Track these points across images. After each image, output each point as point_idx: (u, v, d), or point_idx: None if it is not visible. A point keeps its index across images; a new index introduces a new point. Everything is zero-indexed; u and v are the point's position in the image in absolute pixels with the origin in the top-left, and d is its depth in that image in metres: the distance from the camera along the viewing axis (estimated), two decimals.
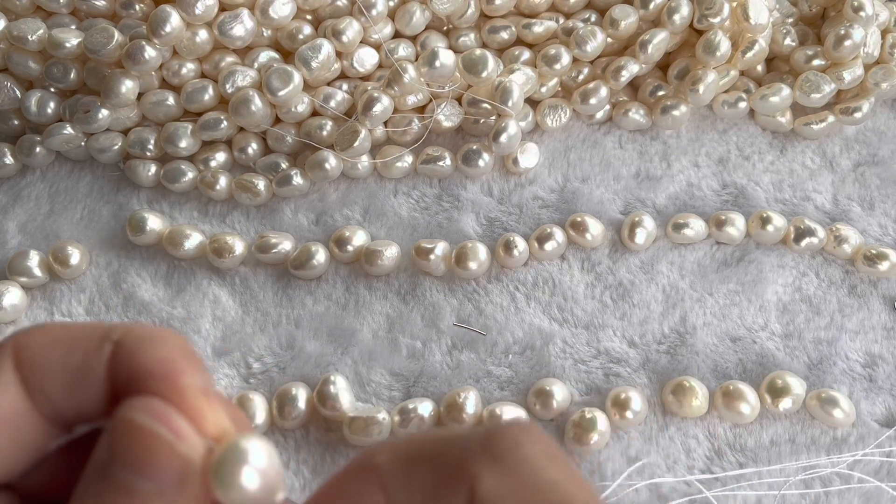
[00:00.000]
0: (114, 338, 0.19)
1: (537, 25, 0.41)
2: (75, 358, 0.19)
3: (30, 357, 0.19)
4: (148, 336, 0.20)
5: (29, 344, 0.19)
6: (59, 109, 0.39)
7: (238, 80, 0.38)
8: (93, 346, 0.19)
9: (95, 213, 0.39)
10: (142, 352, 0.19)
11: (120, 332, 0.20)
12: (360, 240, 0.37)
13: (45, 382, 0.19)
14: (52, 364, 0.19)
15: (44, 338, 0.19)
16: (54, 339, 0.19)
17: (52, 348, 0.19)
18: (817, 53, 0.40)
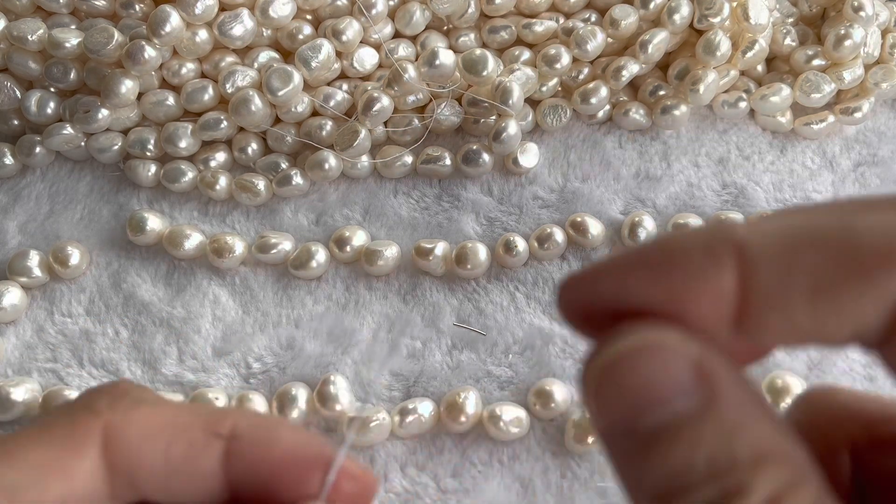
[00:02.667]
0: (224, 432, 0.18)
1: (537, 25, 0.41)
2: (177, 450, 0.18)
3: (125, 446, 0.18)
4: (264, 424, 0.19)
5: (123, 431, 0.18)
6: (59, 109, 0.39)
7: (238, 80, 0.38)
8: (199, 439, 0.18)
9: (95, 213, 0.39)
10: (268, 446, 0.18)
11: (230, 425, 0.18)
12: (360, 240, 0.37)
13: (136, 473, 0.18)
14: (149, 456, 0.18)
15: (139, 425, 0.18)
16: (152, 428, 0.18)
17: (150, 439, 0.18)
18: (817, 53, 0.40)
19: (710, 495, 0.13)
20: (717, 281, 0.14)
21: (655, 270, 0.14)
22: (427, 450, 0.33)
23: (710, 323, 0.14)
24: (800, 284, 0.14)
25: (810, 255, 0.14)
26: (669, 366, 0.14)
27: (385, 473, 0.32)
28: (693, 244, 0.14)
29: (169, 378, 0.34)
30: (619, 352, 0.14)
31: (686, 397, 0.14)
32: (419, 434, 0.33)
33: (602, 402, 0.14)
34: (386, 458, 0.32)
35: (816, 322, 0.14)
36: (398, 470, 0.32)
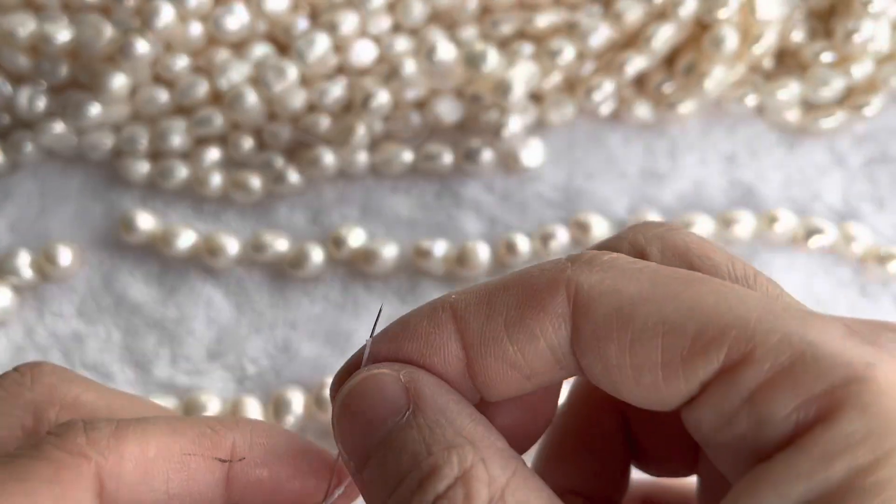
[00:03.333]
0: (225, 457, 0.18)
1: (540, 19, 0.40)
2: (177, 481, 0.18)
3: (122, 489, 0.17)
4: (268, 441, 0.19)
5: (117, 471, 0.17)
6: (50, 105, 0.39)
7: (232, 75, 0.38)
8: (200, 466, 0.18)
9: (87, 211, 0.38)
10: (269, 463, 0.19)
11: (229, 447, 0.18)
12: (357, 239, 0.37)
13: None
14: (149, 492, 0.17)
15: (133, 461, 0.17)
16: (147, 462, 0.17)
17: (148, 475, 0.17)
18: (826, 48, 0.40)
19: (412, 484, 0.16)
20: (440, 342, 0.18)
21: (396, 345, 0.18)
22: None
23: (451, 380, 0.18)
24: (498, 324, 0.17)
25: (501, 302, 0.17)
26: (382, 389, 0.17)
27: None
28: (418, 317, 0.18)
29: (161, 381, 0.34)
30: (347, 387, 0.18)
31: (396, 413, 0.17)
32: None
33: (340, 433, 0.18)
34: None
35: (520, 353, 0.17)
36: None
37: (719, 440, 0.16)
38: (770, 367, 0.15)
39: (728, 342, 0.16)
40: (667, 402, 0.17)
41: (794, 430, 0.15)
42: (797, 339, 0.15)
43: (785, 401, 0.15)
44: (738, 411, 0.16)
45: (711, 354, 0.16)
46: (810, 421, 0.15)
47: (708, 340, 0.16)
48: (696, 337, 0.16)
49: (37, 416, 0.19)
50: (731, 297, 0.16)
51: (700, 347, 0.16)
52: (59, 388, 0.19)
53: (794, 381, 0.15)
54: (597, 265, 0.17)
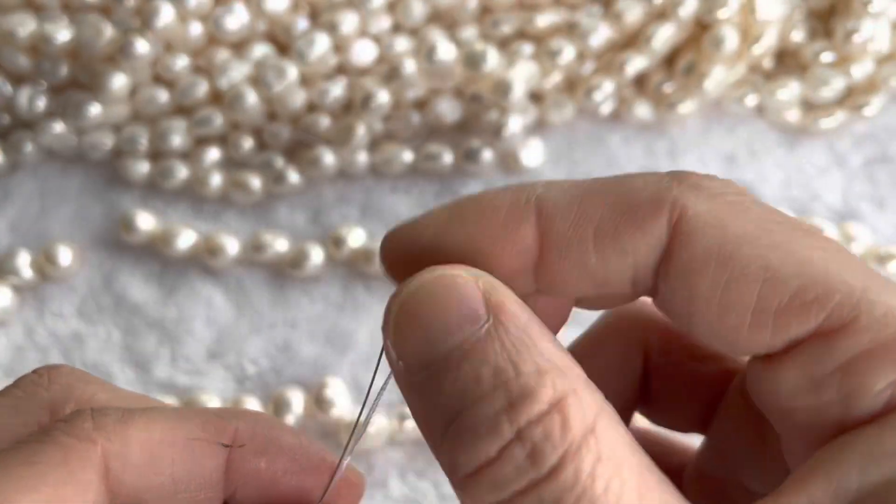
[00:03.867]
0: (228, 441, 0.18)
1: (540, 19, 0.40)
2: (182, 466, 0.18)
3: (128, 473, 0.17)
4: (270, 427, 0.19)
5: (123, 454, 0.17)
6: (50, 105, 0.39)
7: (232, 74, 0.38)
8: (203, 450, 0.18)
9: (87, 211, 0.38)
10: (269, 453, 0.18)
11: (232, 432, 0.18)
12: (357, 239, 0.36)
13: (142, 495, 0.17)
14: (154, 477, 0.17)
15: (139, 445, 0.17)
16: (153, 446, 0.17)
17: (153, 459, 0.17)
18: (826, 48, 0.40)
19: (499, 404, 0.15)
20: (518, 234, 0.16)
21: (466, 225, 0.17)
22: (427, 455, 0.32)
23: (514, 272, 0.16)
24: (587, 232, 0.16)
25: (595, 208, 0.16)
26: (459, 294, 0.16)
27: (384, 480, 0.32)
28: (500, 202, 0.17)
29: (161, 381, 0.34)
30: (414, 286, 0.16)
31: (474, 322, 0.15)
32: (419, 439, 0.32)
33: (399, 336, 0.16)
34: (385, 464, 0.32)
35: (602, 265, 0.16)
36: (397, 476, 0.32)
37: (800, 404, 0.16)
38: (871, 338, 0.15)
39: (832, 305, 0.15)
40: (742, 348, 0.16)
41: (886, 406, 0.15)
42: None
43: (882, 375, 0.15)
44: (828, 378, 0.15)
45: (811, 314, 0.15)
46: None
47: (810, 299, 0.15)
48: (797, 292, 0.15)
49: (53, 414, 0.19)
50: (839, 259, 0.16)
51: (800, 304, 0.15)
52: (75, 389, 0.19)
53: (895, 356, 0.15)
54: (704, 191, 0.16)
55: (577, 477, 0.14)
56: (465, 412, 0.15)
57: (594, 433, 0.14)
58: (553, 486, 0.14)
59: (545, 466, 0.14)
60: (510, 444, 0.14)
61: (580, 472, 0.14)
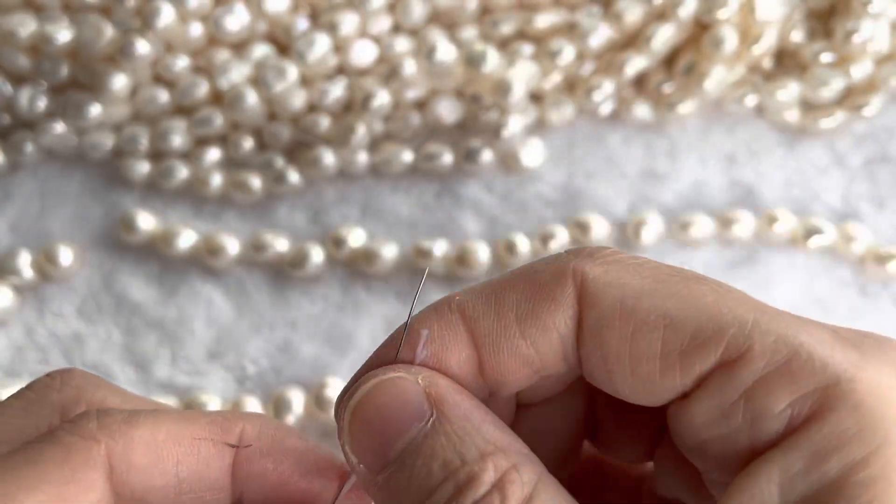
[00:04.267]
0: (235, 441, 0.18)
1: (540, 19, 0.40)
2: (188, 466, 0.18)
3: (132, 470, 0.17)
4: (275, 433, 0.19)
5: (127, 454, 0.17)
6: (50, 105, 0.39)
7: (232, 75, 0.38)
8: (209, 451, 0.18)
9: (87, 211, 0.38)
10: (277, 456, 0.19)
11: (239, 433, 0.19)
12: (357, 239, 0.36)
13: (147, 494, 0.18)
14: (159, 476, 0.18)
15: (143, 444, 0.17)
16: (157, 446, 0.18)
17: (158, 458, 0.18)
18: (826, 48, 0.40)
19: (448, 493, 0.16)
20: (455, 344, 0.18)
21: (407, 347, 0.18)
22: None
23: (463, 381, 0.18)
24: (509, 319, 0.18)
25: (510, 297, 0.18)
26: (403, 395, 0.17)
27: None
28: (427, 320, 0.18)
29: (162, 381, 0.34)
30: (360, 393, 0.18)
31: (420, 419, 0.17)
32: None
33: (356, 443, 0.17)
34: None
35: (532, 346, 0.17)
36: None
37: (713, 434, 0.17)
38: (766, 364, 0.16)
39: (726, 339, 0.16)
40: (659, 396, 0.17)
41: (788, 425, 0.16)
42: (791, 339, 0.16)
43: (780, 396, 0.16)
44: (734, 406, 0.16)
45: (710, 350, 0.16)
46: (804, 417, 0.16)
47: (707, 337, 0.16)
48: (695, 333, 0.16)
49: (63, 416, 0.19)
50: (729, 298, 0.17)
51: (699, 343, 0.16)
52: (86, 392, 0.20)
53: (789, 379, 0.16)
54: (599, 258, 0.18)
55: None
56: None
57: (531, 502, 0.16)
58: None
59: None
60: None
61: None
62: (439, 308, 0.18)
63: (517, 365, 0.18)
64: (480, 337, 0.18)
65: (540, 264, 0.18)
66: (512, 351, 0.18)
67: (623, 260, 0.18)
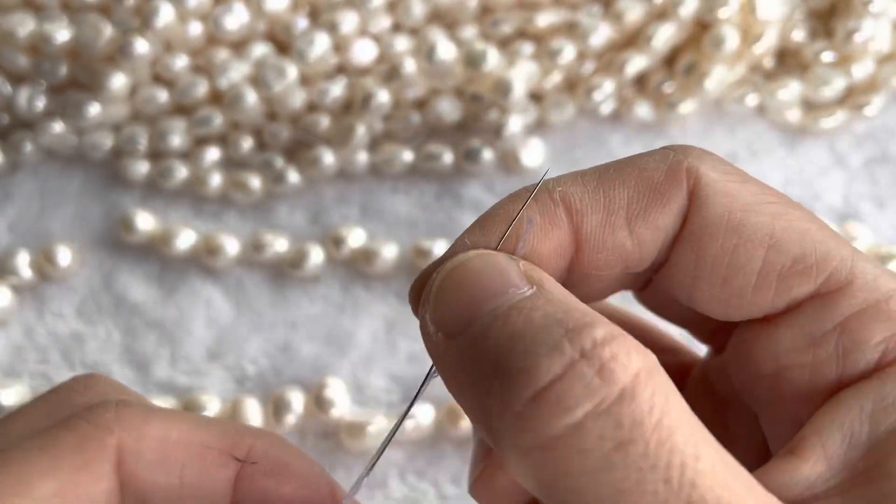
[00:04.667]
0: (242, 456, 0.18)
1: (540, 19, 0.40)
2: (192, 471, 0.18)
3: (139, 466, 0.17)
4: (283, 455, 0.19)
5: (137, 449, 0.17)
6: (49, 105, 0.39)
7: (232, 74, 0.38)
8: (215, 461, 0.18)
9: (86, 211, 0.38)
10: (280, 476, 0.18)
11: (247, 448, 0.18)
12: (357, 239, 0.36)
13: (150, 493, 0.18)
14: (163, 476, 0.18)
15: (154, 443, 0.18)
16: (167, 446, 0.18)
17: (166, 458, 0.18)
18: (827, 48, 0.40)
19: (557, 333, 0.14)
20: (558, 239, 0.17)
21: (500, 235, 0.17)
22: (427, 456, 0.32)
23: (556, 267, 0.17)
24: (620, 220, 0.17)
25: (620, 195, 0.17)
26: (501, 268, 0.16)
27: (384, 480, 0.32)
28: (530, 210, 0.17)
29: (161, 381, 0.34)
30: (455, 262, 0.16)
31: (518, 288, 0.15)
32: (419, 440, 0.32)
33: (441, 304, 0.16)
34: (385, 464, 0.32)
35: (638, 246, 0.17)
36: (397, 476, 0.32)
37: (795, 361, 0.17)
38: (865, 299, 0.16)
39: (829, 270, 0.16)
40: (743, 311, 0.17)
41: (881, 359, 0.16)
42: (889, 282, 0.16)
43: (876, 331, 0.16)
44: (827, 336, 0.16)
45: (811, 277, 0.16)
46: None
47: (809, 264, 0.16)
48: (798, 258, 0.17)
49: None
50: (831, 233, 0.17)
51: (801, 268, 0.16)
52: (108, 397, 0.20)
53: (886, 315, 0.16)
54: (709, 162, 0.18)
55: (654, 401, 0.13)
56: (519, 348, 0.14)
57: (658, 369, 0.14)
58: (632, 408, 0.13)
59: (617, 385, 0.13)
60: (576, 362, 0.14)
61: (656, 395, 0.13)
62: (542, 199, 0.17)
63: (616, 260, 0.17)
64: (586, 233, 0.17)
65: (649, 159, 0.18)
66: (616, 248, 0.17)
67: (733, 171, 0.18)
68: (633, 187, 0.17)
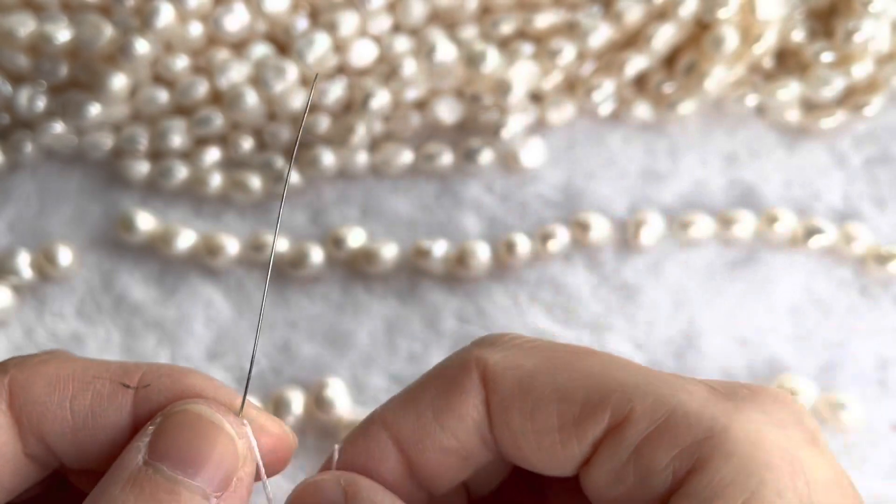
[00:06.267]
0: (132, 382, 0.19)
1: (540, 19, 0.40)
2: (82, 401, 0.18)
3: (29, 399, 0.18)
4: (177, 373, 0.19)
5: (27, 384, 0.18)
6: (49, 105, 0.39)
7: (232, 75, 0.38)
8: (105, 390, 0.18)
9: (86, 211, 0.38)
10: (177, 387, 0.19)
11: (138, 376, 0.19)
12: (357, 239, 0.36)
13: (42, 426, 0.18)
14: (54, 408, 0.18)
15: (44, 378, 0.18)
16: (56, 380, 0.18)
17: (54, 390, 0.18)
18: (827, 48, 0.40)
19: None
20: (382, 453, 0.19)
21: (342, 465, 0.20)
22: None
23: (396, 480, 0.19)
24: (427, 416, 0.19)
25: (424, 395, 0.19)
26: (323, 491, 0.19)
27: None
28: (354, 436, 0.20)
29: None
30: (293, 493, 0.19)
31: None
32: None
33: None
34: None
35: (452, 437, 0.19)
36: None
37: (614, 496, 0.18)
38: (647, 424, 0.17)
39: (611, 404, 0.17)
40: (566, 466, 0.18)
41: (674, 480, 0.17)
42: (668, 399, 0.17)
43: (663, 453, 0.17)
44: (625, 467, 0.17)
45: (598, 416, 0.17)
46: (686, 471, 0.16)
47: (595, 404, 0.17)
48: (584, 402, 0.17)
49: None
50: (614, 366, 0.18)
51: (589, 410, 0.17)
52: None
53: (669, 435, 0.17)
54: (499, 345, 0.19)
55: None
56: None
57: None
58: None
59: None
60: None
61: None
62: (364, 424, 0.20)
63: (444, 457, 0.19)
64: (405, 441, 0.19)
65: (448, 360, 0.20)
66: (435, 446, 0.19)
67: (521, 344, 0.19)
68: (435, 388, 0.19)
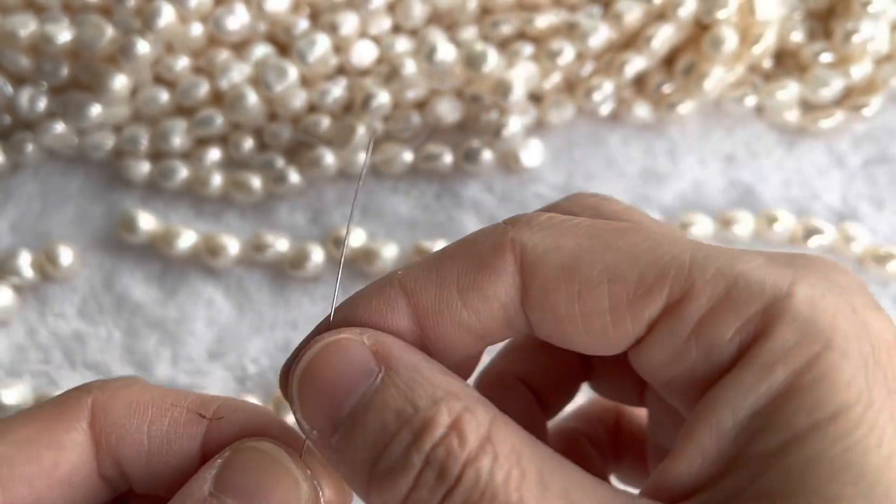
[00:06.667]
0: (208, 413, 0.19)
1: (540, 19, 0.40)
2: (159, 427, 0.19)
3: (109, 421, 0.18)
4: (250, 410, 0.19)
5: (109, 406, 0.19)
6: (51, 106, 0.39)
7: (233, 75, 0.38)
8: (182, 418, 0.19)
9: (88, 212, 0.38)
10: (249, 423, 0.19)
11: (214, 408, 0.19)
12: (357, 239, 0.36)
13: (120, 449, 0.19)
14: (132, 431, 0.19)
15: (125, 401, 0.19)
16: (137, 405, 0.19)
17: (134, 414, 0.19)
18: (826, 49, 0.40)
19: (406, 440, 0.16)
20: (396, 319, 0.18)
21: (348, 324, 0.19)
22: None
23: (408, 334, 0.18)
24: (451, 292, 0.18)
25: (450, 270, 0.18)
26: (349, 356, 0.17)
27: None
28: (368, 296, 0.19)
29: (162, 381, 0.34)
30: (305, 360, 0.18)
31: (368, 376, 0.17)
32: None
33: (306, 409, 0.17)
34: None
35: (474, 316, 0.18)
36: None
37: (670, 375, 0.17)
38: (709, 298, 0.17)
39: (669, 282, 0.17)
40: (615, 346, 0.18)
41: (738, 350, 0.16)
42: (728, 270, 0.17)
43: (727, 325, 0.16)
44: (686, 344, 0.17)
45: (655, 295, 0.17)
46: (750, 340, 0.16)
47: (651, 283, 0.17)
48: (639, 281, 0.17)
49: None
50: (664, 242, 0.17)
51: (644, 290, 0.17)
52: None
53: (731, 307, 0.16)
54: (535, 225, 0.18)
55: (478, 476, 0.16)
56: (381, 458, 0.16)
57: (490, 439, 0.16)
58: (460, 490, 0.16)
59: (451, 478, 0.16)
60: (422, 471, 0.16)
61: (480, 471, 0.16)
62: (381, 284, 0.18)
63: (459, 333, 0.18)
64: (423, 310, 0.18)
65: (479, 235, 0.19)
66: (454, 321, 0.18)
67: (559, 223, 0.18)
68: (462, 262, 0.18)
